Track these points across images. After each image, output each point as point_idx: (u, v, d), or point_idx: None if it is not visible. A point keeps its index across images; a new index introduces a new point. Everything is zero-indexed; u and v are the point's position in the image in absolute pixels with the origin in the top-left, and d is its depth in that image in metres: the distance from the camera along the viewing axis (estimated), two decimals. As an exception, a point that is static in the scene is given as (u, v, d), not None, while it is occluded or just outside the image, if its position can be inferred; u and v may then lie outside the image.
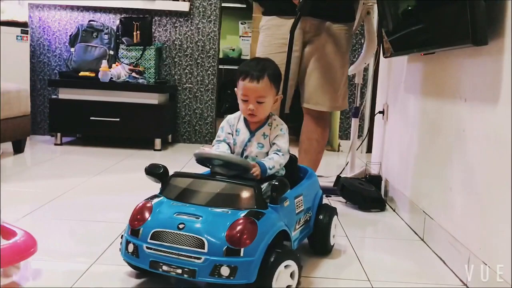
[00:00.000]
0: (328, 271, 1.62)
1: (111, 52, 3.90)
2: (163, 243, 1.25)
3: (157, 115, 3.70)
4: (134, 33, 3.91)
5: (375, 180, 2.56)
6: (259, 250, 1.23)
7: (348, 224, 2.10)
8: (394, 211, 2.35)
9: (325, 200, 2.45)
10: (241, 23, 5.05)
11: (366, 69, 3.66)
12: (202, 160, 1.50)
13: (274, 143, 1.55)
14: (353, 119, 2.82)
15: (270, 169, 1.47)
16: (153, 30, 4.04)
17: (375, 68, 3.15)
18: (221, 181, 1.39)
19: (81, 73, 3.77)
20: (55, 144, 3.74)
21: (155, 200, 1.37)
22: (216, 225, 1.25)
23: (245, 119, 1.59)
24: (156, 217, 1.31)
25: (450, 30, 1.60)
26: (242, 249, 1.21)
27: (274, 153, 1.52)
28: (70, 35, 3.99)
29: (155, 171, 1.44)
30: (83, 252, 1.63)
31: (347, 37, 2.20)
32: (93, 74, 3.74)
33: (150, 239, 1.27)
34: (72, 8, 4.12)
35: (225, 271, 1.20)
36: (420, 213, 1.97)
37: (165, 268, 1.25)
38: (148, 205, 1.35)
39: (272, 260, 1.25)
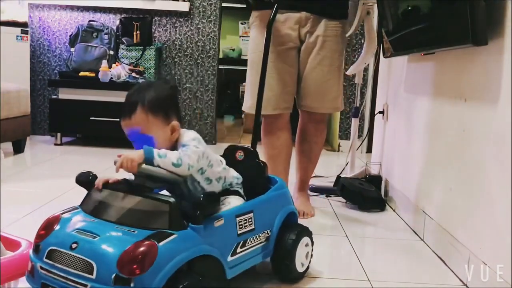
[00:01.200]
0: (328, 271, 1.62)
1: (111, 52, 3.90)
2: (55, 264, 1.10)
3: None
4: (134, 33, 3.91)
5: (375, 180, 2.56)
6: (156, 280, 1.02)
7: (348, 224, 2.10)
8: (394, 211, 2.35)
9: (324, 204, 2.46)
10: (241, 23, 5.05)
11: (366, 69, 3.66)
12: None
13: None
14: (353, 119, 2.82)
15: (161, 156, 1.18)
16: (153, 30, 4.04)
17: (375, 68, 3.15)
18: (138, 195, 1.18)
19: (81, 73, 3.77)
20: (55, 144, 3.74)
21: (67, 214, 1.21)
22: (111, 247, 1.06)
23: None
24: (56, 233, 1.15)
25: (450, 30, 1.60)
26: (133, 278, 1.01)
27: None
28: (70, 35, 3.99)
29: (82, 179, 1.28)
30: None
31: (342, 34, 2.13)
32: (93, 74, 3.74)
33: (45, 257, 1.12)
34: (72, 8, 4.12)
35: None
36: (420, 213, 1.97)
37: None
38: (55, 219, 1.19)
39: None
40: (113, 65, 3.80)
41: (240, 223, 1.29)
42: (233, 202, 1.34)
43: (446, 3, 1.59)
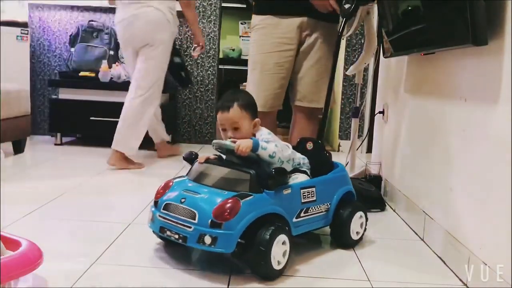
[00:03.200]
0: (328, 271, 1.62)
1: (111, 52, 3.90)
2: (169, 213, 1.51)
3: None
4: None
5: (375, 180, 2.56)
6: (239, 225, 1.41)
7: (348, 224, 2.10)
8: (394, 211, 2.35)
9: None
10: (241, 23, 5.04)
11: (366, 69, 3.66)
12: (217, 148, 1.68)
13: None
14: (353, 119, 2.81)
15: (264, 148, 1.57)
16: (153, 30, 4.03)
17: (375, 68, 3.15)
18: (227, 167, 1.59)
19: (81, 73, 3.77)
20: (55, 144, 3.74)
21: (177, 180, 1.64)
22: (209, 202, 1.46)
23: None
24: (169, 192, 1.57)
25: (450, 30, 1.60)
26: (223, 223, 1.41)
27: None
28: (70, 35, 3.99)
29: (187, 157, 1.72)
30: (83, 252, 1.63)
31: (334, 35, 2.21)
32: (93, 74, 3.74)
33: (162, 209, 1.54)
34: (72, 8, 4.12)
35: (208, 240, 1.41)
36: (420, 213, 1.97)
37: (168, 233, 1.50)
38: (170, 183, 1.62)
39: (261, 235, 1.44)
40: (113, 65, 3.80)
41: (304, 194, 1.64)
42: (299, 177, 1.71)
43: (446, 3, 1.59)
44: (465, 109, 1.62)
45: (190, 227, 1.44)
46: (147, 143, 3.76)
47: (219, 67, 4.25)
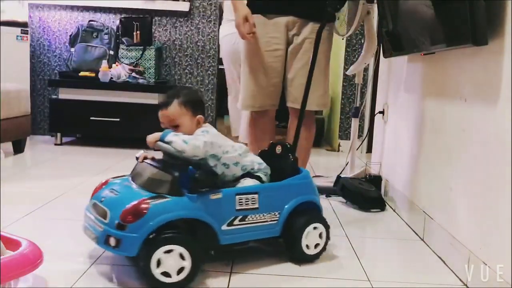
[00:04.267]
0: (328, 271, 1.62)
1: (111, 52, 3.90)
2: (91, 212, 1.50)
3: (157, 115, 3.69)
4: (134, 33, 3.91)
5: (375, 180, 2.56)
6: (144, 228, 1.35)
7: (348, 224, 2.10)
8: (394, 211, 2.35)
9: (324, 204, 2.46)
10: (241, 23, 5.06)
11: (366, 69, 3.66)
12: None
13: None
14: (353, 119, 2.82)
15: (168, 142, 1.51)
16: (153, 30, 4.04)
17: (375, 68, 3.15)
18: (155, 167, 1.53)
19: (81, 73, 3.77)
20: (55, 144, 3.74)
21: (116, 179, 1.61)
22: (122, 202, 1.41)
23: None
24: (100, 192, 1.54)
25: (450, 30, 1.60)
26: (127, 225, 1.35)
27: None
28: (70, 35, 3.99)
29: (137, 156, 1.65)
30: (83, 252, 1.63)
31: (329, 36, 2.19)
32: (93, 74, 3.74)
33: (90, 207, 1.52)
34: (72, 8, 4.12)
35: (112, 241, 1.37)
36: (420, 213, 1.97)
37: (87, 232, 1.48)
38: (107, 181, 1.60)
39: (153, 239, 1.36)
40: (113, 65, 3.80)
41: (240, 201, 1.52)
42: (246, 182, 1.60)
43: (446, 3, 1.59)
44: (465, 109, 1.62)
45: (101, 227, 1.40)
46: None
47: (219, 67, 4.25)
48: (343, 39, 3.03)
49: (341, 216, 2.22)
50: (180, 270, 1.37)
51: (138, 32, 3.90)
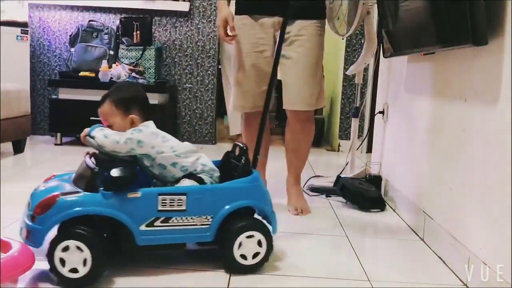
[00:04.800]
0: (328, 271, 1.62)
1: (111, 52, 3.91)
2: (28, 205, 1.48)
3: (157, 115, 3.70)
4: (134, 33, 3.91)
5: (375, 180, 2.56)
6: (49, 222, 1.37)
7: (348, 224, 2.10)
8: (394, 211, 2.35)
9: (324, 204, 2.46)
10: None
11: (366, 69, 3.66)
12: None
13: None
14: (353, 119, 2.82)
15: (92, 137, 1.52)
16: (153, 30, 4.04)
17: (375, 68, 3.15)
18: (86, 163, 1.52)
19: (81, 73, 3.77)
20: (55, 144, 3.74)
21: (63, 174, 1.63)
22: (41, 195, 1.44)
23: None
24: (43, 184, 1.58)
25: (450, 30, 1.60)
26: (36, 217, 1.38)
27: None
28: (70, 35, 3.99)
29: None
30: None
31: (319, 33, 2.17)
32: (93, 74, 3.74)
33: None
34: (72, 8, 4.12)
35: (24, 233, 1.40)
36: (420, 213, 1.97)
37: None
38: (51, 176, 1.65)
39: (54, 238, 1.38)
40: (113, 65, 3.80)
41: (163, 201, 1.45)
42: (184, 183, 1.56)
43: (446, 3, 1.59)
44: (465, 109, 1.62)
45: (24, 219, 1.43)
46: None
47: (219, 67, 4.25)
48: (343, 39, 3.03)
49: (341, 216, 2.22)
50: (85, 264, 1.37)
51: (138, 32, 3.90)
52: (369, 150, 3.53)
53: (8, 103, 3.08)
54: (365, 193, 2.36)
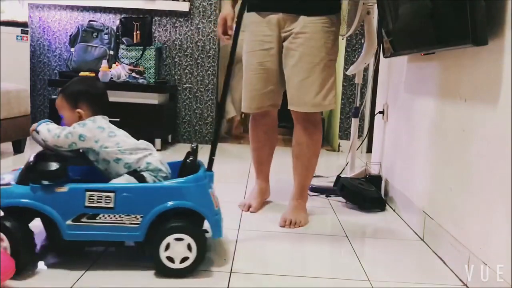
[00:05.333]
0: (328, 271, 1.62)
1: (111, 52, 3.91)
2: None
3: (157, 115, 3.70)
4: (134, 33, 3.91)
5: (375, 180, 2.56)
6: None
7: (348, 224, 2.10)
8: (394, 211, 2.35)
9: (324, 204, 2.46)
10: (241, 23, 5.07)
11: (366, 69, 3.66)
12: None
13: None
14: (353, 119, 2.82)
15: (37, 132, 1.59)
16: (153, 30, 4.04)
17: (375, 68, 3.15)
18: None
19: (81, 73, 3.77)
20: (55, 144, 3.74)
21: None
22: None
23: None
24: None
25: (450, 30, 1.60)
26: None
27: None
28: (70, 35, 4.00)
29: None
30: (83, 252, 1.63)
31: (325, 29, 2.03)
32: (93, 74, 3.74)
33: None
34: (72, 8, 4.12)
35: None
36: (420, 213, 1.97)
37: None
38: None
39: None
40: (113, 65, 3.80)
41: (91, 198, 1.46)
42: (118, 180, 1.54)
43: (446, 3, 1.59)
44: (465, 109, 1.62)
45: None
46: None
47: (219, 67, 4.25)
48: (343, 39, 3.03)
49: (341, 216, 2.22)
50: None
51: (138, 32, 3.90)
52: (369, 150, 3.53)
53: (8, 103, 3.08)
54: (365, 193, 2.36)
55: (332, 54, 2.07)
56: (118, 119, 3.81)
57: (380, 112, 2.76)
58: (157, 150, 3.69)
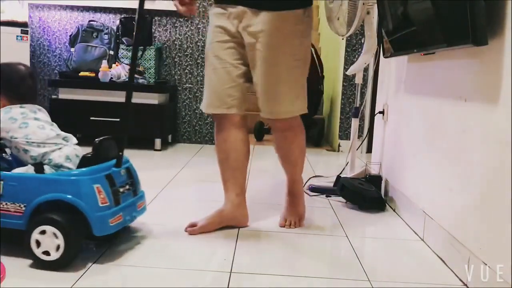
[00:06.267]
0: (328, 271, 1.62)
1: (111, 52, 3.91)
2: None
3: (157, 115, 3.70)
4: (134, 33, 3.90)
5: (375, 180, 2.56)
6: None
7: (348, 224, 2.10)
8: (394, 211, 2.35)
9: (324, 204, 2.46)
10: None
11: (366, 69, 3.66)
12: None
13: None
14: (353, 119, 2.82)
15: None
16: (153, 30, 4.04)
17: (375, 68, 3.15)
18: None
19: (81, 73, 3.77)
20: (55, 144, 3.74)
21: None
22: None
23: None
24: None
25: (450, 30, 1.60)
26: None
27: None
28: (70, 35, 4.00)
29: None
30: (83, 252, 1.63)
31: (290, 27, 1.80)
32: (93, 74, 3.74)
33: None
34: (72, 8, 4.12)
35: None
36: (420, 213, 1.97)
37: None
38: None
39: None
40: (113, 65, 3.80)
41: None
42: (19, 170, 1.60)
43: (446, 3, 1.59)
44: (465, 109, 1.62)
45: None
46: (147, 143, 3.77)
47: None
48: (343, 39, 3.04)
49: (341, 216, 2.22)
50: None
51: (138, 32, 3.90)
52: (369, 150, 3.54)
53: (8, 103, 3.08)
54: (365, 193, 2.36)
55: (299, 54, 1.85)
56: (118, 119, 3.84)
57: (380, 112, 2.76)
58: (157, 150, 3.72)
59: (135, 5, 4.06)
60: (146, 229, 1.89)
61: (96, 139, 1.68)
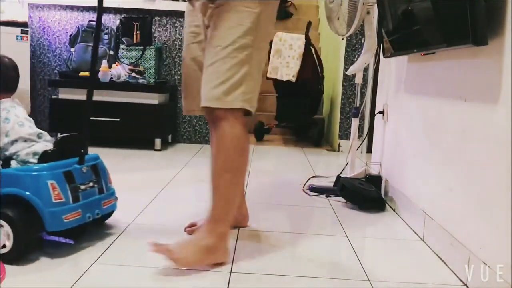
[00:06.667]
0: (328, 271, 1.62)
1: (111, 52, 3.91)
2: None
3: (157, 115, 3.70)
4: (134, 33, 3.91)
5: (375, 180, 2.56)
6: None
7: (348, 224, 2.10)
8: (394, 211, 2.35)
9: (324, 204, 2.46)
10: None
11: (366, 69, 3.66)
12: None
13: None
14: (353, 119, 2.82)
15: None
16: (153, 30, 4.04)
17: (375, 68, 3.15)
18: None
19: (81, 73, 3.77)
20: (55, 144, 3.74)
21: None
22: None
23: None
24: None
25: (450, 30, 1.60)
26: None
27: None
28: (70, 35, 4.00)
29: None
30: (83, 252, 1.63)
31: (243, 9, 1.57)
32: (93, 74, 3.74)
33: None
34: (72, 8, 4.12)
35: None
36: (420, 213, 1.97)
37: None
38: None
39: None
40: (113, 65, 3.80)
41: None
42: None
43: (446, 3, 1.59)
44: (465, 109, 1.62)
45: None
46: (147, 143, 3.76)
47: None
48: (343, 39, 3.03)
49: (341, 216, 2.22)
50: None
51: (138, 32, 3.90)
52: (369, 150, 3.54)
53: (8, 103, 3.08)
54: (365, 193, 2.36)
55: (247, 38, 1.57)
56: (118, 119, 3.84)
57: (380, 112, 2.76)
58: (157, 150, 3.72)
59: (135, 5, 4.05)
60: (146, 229, 1.89)
61: (59, 135, 1.72)
